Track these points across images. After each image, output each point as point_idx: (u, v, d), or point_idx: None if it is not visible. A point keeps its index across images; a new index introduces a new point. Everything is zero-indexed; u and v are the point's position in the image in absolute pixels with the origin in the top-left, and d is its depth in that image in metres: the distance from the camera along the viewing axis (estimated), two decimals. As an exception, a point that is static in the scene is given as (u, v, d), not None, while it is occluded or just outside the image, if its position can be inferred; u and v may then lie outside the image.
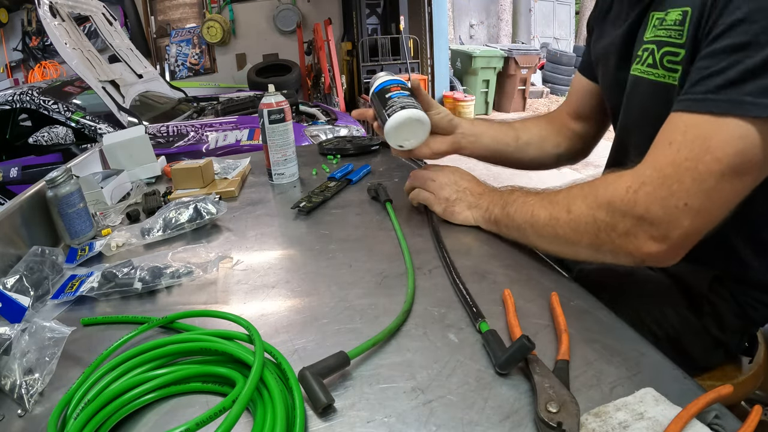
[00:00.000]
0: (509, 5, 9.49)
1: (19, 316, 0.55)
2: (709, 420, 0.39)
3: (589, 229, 0.56)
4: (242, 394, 0.39)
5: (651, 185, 0.51)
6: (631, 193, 0.53)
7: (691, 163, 0.49)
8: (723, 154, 0.48)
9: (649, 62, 0.61)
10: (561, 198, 0.61)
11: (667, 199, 0.50)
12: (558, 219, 0.60)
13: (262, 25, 6.12)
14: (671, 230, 0.51)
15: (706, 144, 0.48)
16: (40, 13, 2.50)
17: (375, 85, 0.83)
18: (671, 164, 0.50)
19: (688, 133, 0.50)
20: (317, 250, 0.74)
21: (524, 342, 0.44)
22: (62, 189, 0.79)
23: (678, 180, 0.50)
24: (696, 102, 0.50)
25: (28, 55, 5.88)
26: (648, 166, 0.53)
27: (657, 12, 0.60)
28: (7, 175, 2.67)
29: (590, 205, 0.56)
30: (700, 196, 0.50)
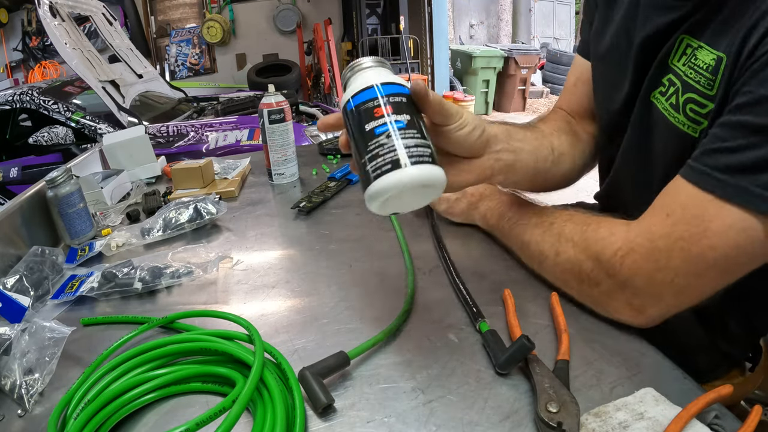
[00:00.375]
0: (509, 5, 9.49)
1: (19, 316, 0.55)
2: (709, 420, 0.39)
3: (574, 277, 0.55)
4: (242, 394, 0.39)
5: (639, 255, 0.49)
6: (618, 256, 0.50)
7: (685, 243, 0.46)
8: (719, 243, 0.45)
9: (672, 102, 0.55)
10: (553, 235, 0.58)
11: (654, 273, 0.48)
12: (546, 257, 0.58)
13: (262, 25, 6.12)
14: (651, 303, 0.50)
15: (704, 227, 0.45)
16: (40, 13, 2.50)
17: (354, 91, 0.45)
18: (664, 238, 0.47)
19: (688, 209, 0.46)
20: (317, 250, 0.74)
21: (524, 342, 0.44)
22: (62, 189, 0.79)
23: (668, 256, 0.47)
24: (702, 176, 0.46)
25: (28, 55, 5.88)
26: (641, 233, 0.49)
27: (689, 38, 0.52)
28: (7, 175, 2.67)
29: (578, 254, 0.54)
30: (687, 276, 0.47)
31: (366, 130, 0.43)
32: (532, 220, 0.62)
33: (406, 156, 0.41)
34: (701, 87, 0.51)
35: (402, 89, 0.45)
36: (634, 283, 0.49)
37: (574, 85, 0.79)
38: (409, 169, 0.40)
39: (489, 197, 0.73)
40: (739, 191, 0.43)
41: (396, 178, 0.40)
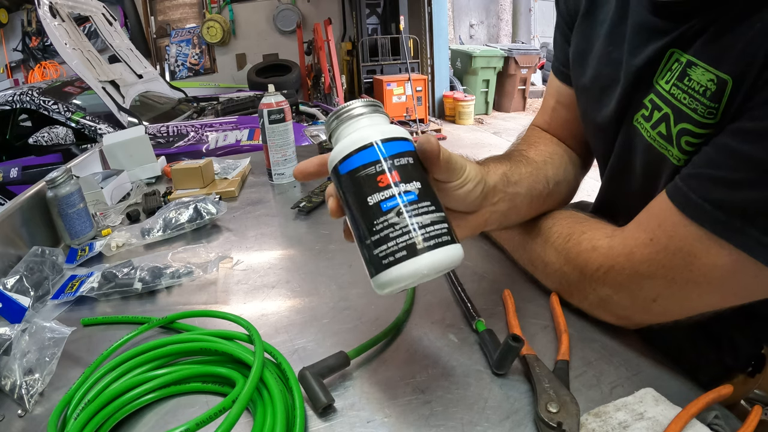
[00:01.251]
0: (509, 5, 9.49)
1: (19, 317, 0.55)
2: (709, 420, 0.39)
3: (564, 286, 0.55)
4: (242, 394, 0.39)
5: (621, 275, 0.47)
6: (601, 273, 0.49)
7: (668, 272, 0.44)
8: (704, 279, 0.42)
9: (661, 131, 0.47)
10: (540, 242, 0.57)
11: (636, 292, 0.47)
12: (535, 266, 0.59)
13: (262, 25, 6.12)
14: (638, 315, 0.49)
15: (689, 261, 0.42)
16: (40, 14, 2.50)
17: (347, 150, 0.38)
18: (646, 264, 0.45)
19: (673, 240, 0.43)
20: (317, 250, 0.74)
21: (510, 343, 0.43)
22: (62, 189, 0.79)
23: (651, 282, 0.46)
24: (693, 206, 0.41)
25: (28, 56, 5.88)
26: (622, 253, 0.47)
27: (680, 53, 0.45)
28: (7, 175, 2.67)
29: (563, 266, 0.54)
30: (671, 299, 0.46)
31: (369, 204, 0.36)
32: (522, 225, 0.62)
33: (422, 239, 0.35)
34: (698, 115, 0.43)
35: (406, 146, 0.38)
36: (617, 299, 0.49)
37: (554, 110, 0.72)
38: (427, 256, 0.34)
39: None
40: (733, 233, 0.39)
41: (413, 268, 0.34)
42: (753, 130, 0.38)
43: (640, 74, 0.50)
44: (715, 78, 0.41)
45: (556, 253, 0.55)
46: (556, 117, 0.72)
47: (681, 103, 0.44)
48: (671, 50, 0.46)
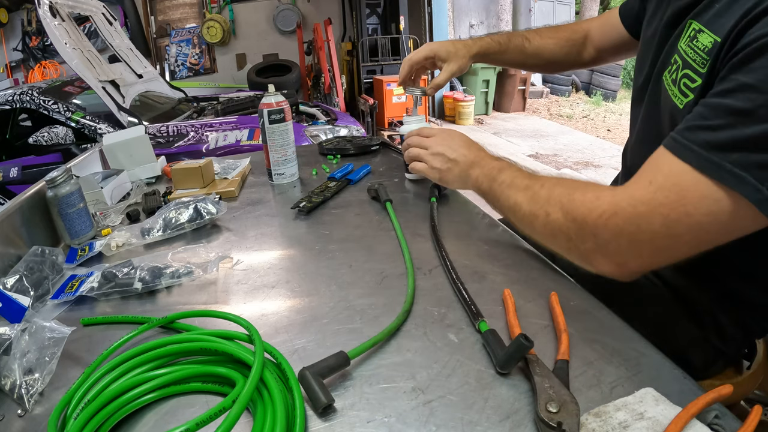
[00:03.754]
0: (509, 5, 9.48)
1: (19, 316, 0.55)
2: (709, 420, 0.39)
3: (563, 237, 0.59)
4: (242, 394, 0.39)
5: (621, 218, 0.53)
6: (603, 219, 0.54)
7: (665, 209, 0.50)
8: (695, 210, 0.49)
9: (673, 77, 0.61)
10: (543, 197, 0.62)
11: (634, 234, 0.53)
12: (537, 218, 0.62)
13: (262, 25, 6.12)
14: (631, 259, 0.54)
15: (682, 195, 0.50)
16: (40, 13, 2.50)
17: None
18: (646, 204, 0.52)
19: (669, 178, 0.51)
20: (317, 250, 0.74)
21: (521, 341, 0.44)
22: (62, 189, 0.79)
23: (648, 221, 0.51)
24: (681, 147, 0.51)
25: (28, 55, 5.88)
26: (624, 198, 0.54)
27: (695, 22, 0.58)
28: (7, 175, 2.67)
29: (566, 215, 0.58)
30: (665, 239, 0.52)
31: None
32: (523, 183, 0.66)
33: None
34: (695, 65, 0.56)
35: None
36: (617, 243, 0.54)
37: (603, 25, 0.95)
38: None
39: (480, 164, 0.75)
40: (713, 166, 0.48)
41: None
42: (732, 88, 0.48)
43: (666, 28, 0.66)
44: (713, 40, 0.53)
45: (560, 204, 0.59)
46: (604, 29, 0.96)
47: (688, 56, 0.57)
48: (690, 21, 0.59)
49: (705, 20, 0.56)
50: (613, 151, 4.84)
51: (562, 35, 1.01)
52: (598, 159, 4.64)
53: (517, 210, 0.65)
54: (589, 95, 8.16)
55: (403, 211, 0.85)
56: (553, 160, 4.64)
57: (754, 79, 0.46)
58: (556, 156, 4.78)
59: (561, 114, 6.90)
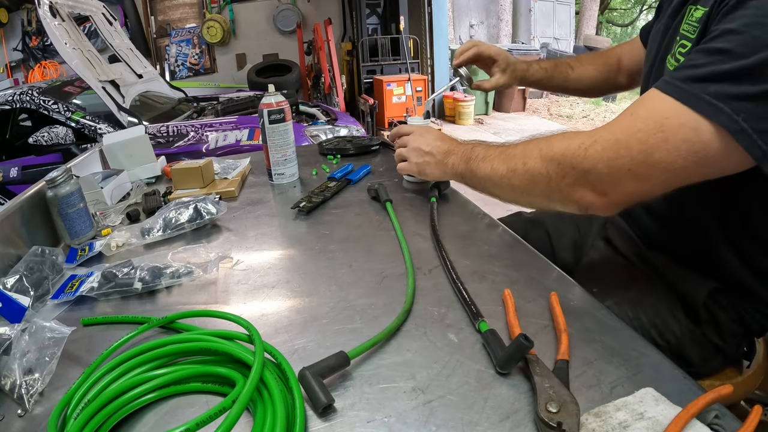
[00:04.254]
0: (509, 5, 9.48)
1: (19, 316, 0.55)
2: (709, 420, 0.39)
3: (542, 180, 0.61)
4: (242, 394, 0.39)
5: (601, 145, 0.55)
6: (582, 149, 0.57)
7: (643, 135, 0.53)
8: (672, 136, 0.51)
9: (674, 54, 0.65)
10: (519, 151, 0.65)
11: (613, 160, 0.54)
12: (515, 171, 0.64)
13: (262, 25, 6.11)
14: (612, 188, 0.56)
15: (661, 122, 0.52)
16: (40, 13, 2.50)
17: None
18: (625, 131, 0.54)
19: (650, 108, 0.54)
20: (317, 250, 0.74)
21: (521, 341, 0.44)
22: (62, 189, 0.79)
23: (627, 146, 0.54)
24: (665, 83, 0.54)
25: (28, 55, 5.87)
26: (605, 129, 0.57)
27: (692, 5, 0.63)
28: (7, 175, 2.67)
29: (544, 157, 0.60)
30: (643, 166, 0.53)
31: None
32: (496, 151, 0.69)
33: None
34: (689, 34, 0.60)
35: None
36: (596, 170, 0.56)
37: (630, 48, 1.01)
38: None
39: (453, 151, 0.79)
40: (691, 96, 0.51)
41: None
42: (715, 35, 0.52)
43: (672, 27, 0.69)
44: (703, 11, 0.58)
45: (538, 149, 0.62)
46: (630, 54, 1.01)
47: (685, 30, 0.62)
48: (689, 6, 0.63)
49: (700, 1, 0.60)
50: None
51: (600, 61, 1.07)
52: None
53: (494, 174, 0.67)
54: (589, 95, 8.16)
55: (403, 211, 0.85)
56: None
57: (735, 24, 0.50)
58: (556, 156, 4.78)
59: (561, 114, 6.90)
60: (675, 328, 0.70)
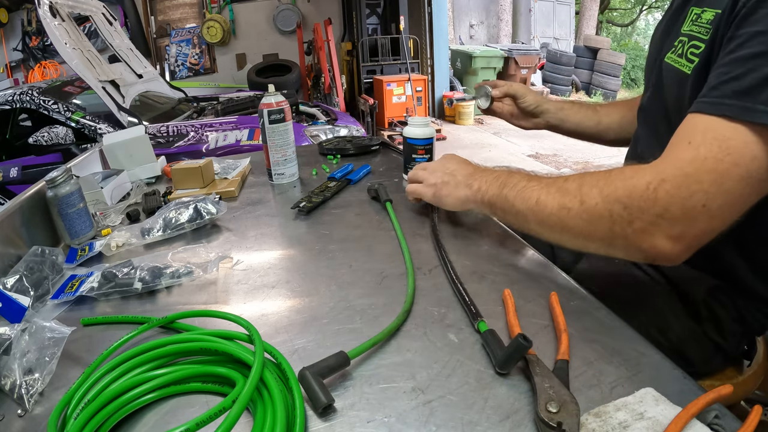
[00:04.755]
0: (509, 5, 9.48)
1: (19, 316, 0.55)
2: (709, 420, 0.39)
3: (604, 223, 0.54)
4: (242, 394, 0.39)
5: (671, 183, 0.51)
6: (651, 190, 0.51)
7: (712, 163, 0.49)
8: (741, 158, 0.48)
9: (679, 52, 0.63)
10: (573, 187, 0.58)
11: (687, 199, 0.50)
12: (569, 209, 0.57)
13: (262, 25, 6.12)
14: (687, 230, 0.51)
15: (726, 145, 0.49)
16: (40, 13, 2.50)
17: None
18: (692, 162, 0.50)
19: (707, 134, 0.50)
20: (317, 250, 0.74)
21: (520, 341, 0.44)
22: (62, 189, 0.79)
23: (698, 180, 0.50)
24: (712, 105, 0.51)
25: (28, 55, 5.87)
26: (669, 164, 0.52)
27: (696, 7, 0.62)
28: (7, 175, 2.67)
29: (607, 198, 0.54)
30: (718, 198, 0.49)
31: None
32: (542, 182, 0.62)
33: None
34: (700, 35, 0.59)
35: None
36: (670, 212, 0.51)
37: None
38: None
39: (479, 175, 0.72)
40: (745, 110, 0.48)
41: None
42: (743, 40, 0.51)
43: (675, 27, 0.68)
44: (715, 12, 0.57)
45: (597, 188, 0.56)
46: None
47: (693, 32, 0.61)
48: (692, 8, 0.62)
49: (705, 3, 0.59)
50: (614, 151, 4.81)
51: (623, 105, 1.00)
52: (598, 159, 4.63)
53: (541, 209, 0.60)
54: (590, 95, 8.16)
55: (403, 211, 0.85)
56: (553, 160, 4.64)
57: (762, 26, 0.49)
58: (556, 156, 4.78)
59: (561, 114, 6.89)
60: (675, 326, 0.70)
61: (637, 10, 16.63)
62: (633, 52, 11.11)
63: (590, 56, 8.26)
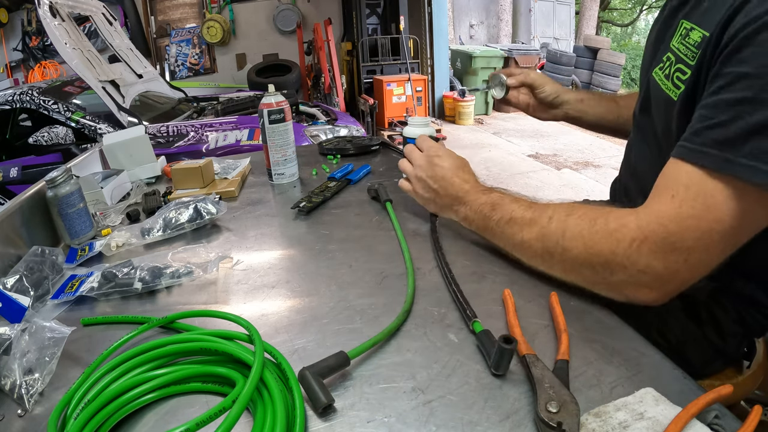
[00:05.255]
0: (509, 5, 9.48)
1: (19, 316, 0.55)
2: (709, 420, 0.39)
3: (585, 272, 0.55)
4: (242, 394, 0.39)
5: (654, 241, 0.51)
6: (634, 248, 0.52)
7: (694, 221, 0.49)
8: (723, 215, 0.48)
9: (666, 72, 0.61)
10: (556, 233, 0.57)
11: (669, 255, 0.50)
12: (552, 255, 0.58)
13: (262, 25, 6.12)
14: (668, 282, 0.52)
15: (708, 202, 0.48)
16: (40, 13, 2.50)
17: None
18: (674, 220, 0.50)
19: (690, 189, 0.50)
20: (317, 250, 0.74)
21: (501, 345, 0.44)
22: (62, 189, 0.79)
23: (681, 237, 0.50)
24: (695, 153, 0.50)
25: (28, 55, 5.87)
26: (652, 219, 0.52)
27: (686, 21, 0.59)
28: (7, 175, 2.67)
29: (590, 250, 0.54)
30: (699, 251, 0.50)
31: None
32: (525, 217, 0.61)
33: None
34: (686, 58, 0.57)
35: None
36: (652, 268, 0.51)
37: None
38: None
39: (465, 201, 0.70)
40: (728, 163, 0.47)
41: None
42: (727, 82, 0.49)
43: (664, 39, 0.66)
44: (702, 35, 0.54)
45: (581, 238, 0.55)
46: None
47: (680, 52, 0.59)
48: (682, 21, 0.60)
49: (695, 19, 0.57)
50: (613, 151, 4.84)
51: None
52: (598, 159, 4.63)
53: (527, 248, 0.61)
54: (589, 95, 8.15)
55: (403, 211, 0.85)
56: (553, 160, 4.64)
57: (748, 67, 0.47)
58: (556, 156, 4.78)
59: (561, 114, 6.89)
60: (675, 328, 0.70)
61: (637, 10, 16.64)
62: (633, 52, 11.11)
63: (590, 56, 8.26)
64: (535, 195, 0.79)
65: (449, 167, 0.74)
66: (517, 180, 4.04)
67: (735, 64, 0.48)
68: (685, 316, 0.70)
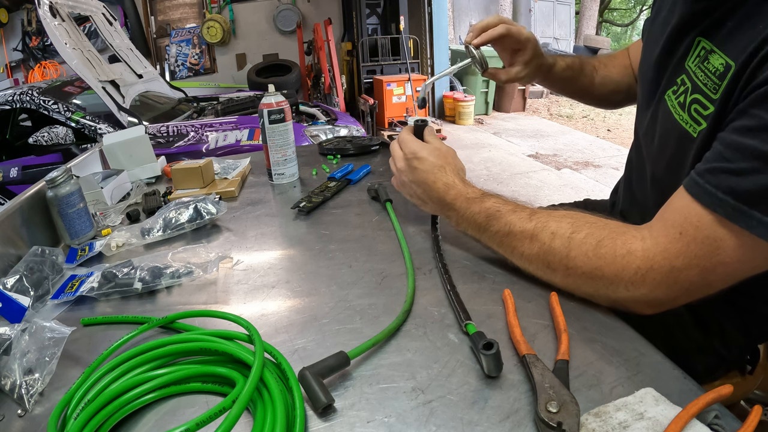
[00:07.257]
0: (509, 5, 9.48)
1: (19, 316, 0.55)
2: (709, 420, 0.39)
3: (586, 288, 0.56)
4: (242, 394, 0.39)
5: (659, 273, 0.52)
6: (639, 275, 0.52)
7: (700, 261, 0.50)
8: (730, 259, 0.49)
9: (680, 101, 0.59)
10: (560, 252, 0.56)
11: (672, 286, 0.52)
12: (554, 271, 0.57)
13: (262, 25, 6.12)
14: (665, 303, 0.54)
15: (716, 246, 0.49)
16: (40, 13, 2.50)
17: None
18: (681, 257, 0.50)
19: (700, 230, 0.49)
20: (317, 250, 0.74)
21: (483, 352, 0.44)
22: (62, 189, 0.79)
23: (686, 273, 0.51)
24: (709, 196, 0.48)
25: (28, 55, 5.87)
26: (659, 252, 0.52)
27: (704, 40, 0.56)
28: (7, 175, 2.67)
29: (594, 272, 0.54)
30: (701, 285, 0.51)
31: None
32: (525, 231, 0.59)
33: None
34: (707, 90, 0.53)
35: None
36: (653, 295, 0.53)
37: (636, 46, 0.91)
38: None
39: (454, 208, 0.66)
40: (742, 215, 0.46)
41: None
42: (755, 126, 0.46)
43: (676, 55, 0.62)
44: (724, 62, 0.51)
45: (586, 258, 0.55)
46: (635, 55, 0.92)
47: (698, 79, 0.55)
48: (699, 38, 0.57)
49: (716, 40, 0.54)
50: (613, 151, 4.84)
51: (617, 62, 0.96)
52: (598, 159, 4.63)
53: (527, 262, 0.60)
54: (589, 95, 8.15)
55: (403, 211, 0.85)
56: (553, 160, 4.64)
57: None
58: (556, 156, 4.78)
59: (561, 114, 6.90)
60: (681, 340, 0.69)
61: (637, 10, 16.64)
62: (633, 52, 11.07)
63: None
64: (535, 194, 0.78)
65: (429, 169, 0.68)
66: (517, 180, 4.04)
67: (763, 109, 0.45)
68: (692, 325, 0.69)
